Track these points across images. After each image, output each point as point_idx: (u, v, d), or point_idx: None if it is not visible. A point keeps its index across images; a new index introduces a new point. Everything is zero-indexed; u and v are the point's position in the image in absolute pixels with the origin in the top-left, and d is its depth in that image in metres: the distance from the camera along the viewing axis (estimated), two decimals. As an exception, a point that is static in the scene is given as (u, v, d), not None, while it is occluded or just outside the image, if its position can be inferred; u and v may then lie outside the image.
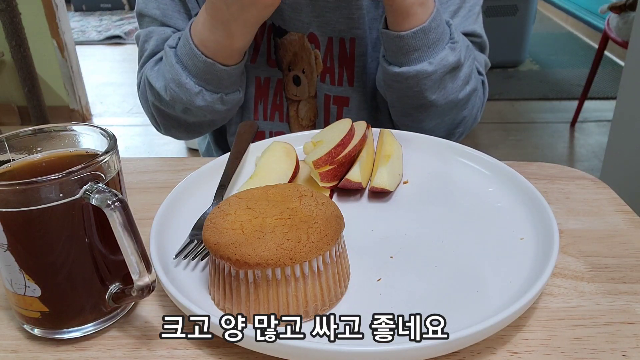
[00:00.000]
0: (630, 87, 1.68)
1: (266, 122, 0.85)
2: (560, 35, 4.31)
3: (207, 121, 0.79)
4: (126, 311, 0.46)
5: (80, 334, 0.44)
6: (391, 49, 0.70)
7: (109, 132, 0.44)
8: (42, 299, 0.42)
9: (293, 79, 0.82)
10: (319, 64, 0.81)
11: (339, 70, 0.81)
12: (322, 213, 0.45)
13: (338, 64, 0.80)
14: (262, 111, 0.85)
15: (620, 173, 1.72)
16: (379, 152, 0.64)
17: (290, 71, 0.82)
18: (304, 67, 0.81)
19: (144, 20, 0.81)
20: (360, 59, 0.80)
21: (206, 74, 0.70)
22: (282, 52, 0.82)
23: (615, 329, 0.44)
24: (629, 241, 0.54)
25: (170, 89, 0.72)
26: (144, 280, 0.40)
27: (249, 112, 0.85)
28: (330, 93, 0.82)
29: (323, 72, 0.81)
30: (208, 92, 0.72)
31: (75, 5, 5.13)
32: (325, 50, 0.80)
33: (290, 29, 0.80)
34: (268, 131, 0.86)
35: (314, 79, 0.82)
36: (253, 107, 0.84)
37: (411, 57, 0.69)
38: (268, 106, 0.85)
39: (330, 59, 0.80)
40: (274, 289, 0.42)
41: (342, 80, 0.81)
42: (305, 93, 0.83)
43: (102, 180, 0.41)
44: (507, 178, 0.60)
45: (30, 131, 0.45)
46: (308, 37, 0.80)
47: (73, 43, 2.95)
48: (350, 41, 0.79)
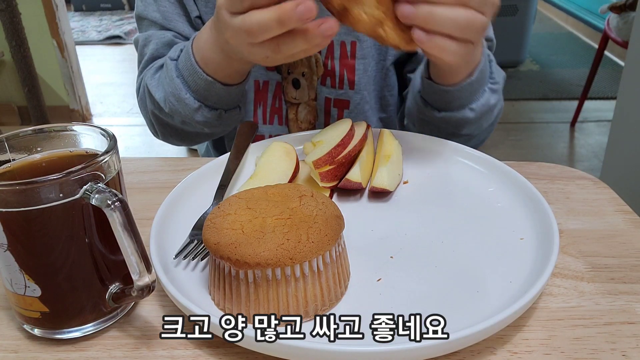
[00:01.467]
0: (630, 87, 1.68)
1: (265, 125, 0.85)
2: (560, 35, 4.31)
3: (205, 133, 0.78)
4: (126, 311, 0.46)
5: (80, 334, 0.44)
6: (432, 97, 0.69)
7: (109, 132, 0.44)
8: (42, 299, 0.42)
9: (292, 82, 0.81)
10: (320, 67, 0.80)
11: (339, 74, 0.81)
12: (322, 213, 0.45)
13: (339, 67, 0.80)
14: (262, 114, 0.85)
15: (620, 173, 1.72)
16: (379, 152, 0.64)
17: (289, 74, 0.81)
18: (304, 70, 0.81)
19: (143, 23, 0.81)
20: (361, 62, 0.80)
21: (206, 91, 0.69)
22: None
23: (615, 329, 0.44)
24: (629, 241, 0.54)
25: (170, 102, 0.72)
26: (144, 280, 0.40)
27: (248, 116, 0.85)
28: (330, 96, 0.82)
29: (324, 75, 0.81)
30: (207, 109, 0.71)
31: (75, 5, 5.13)
32: (327, 53, 0.80)
33: None
34: (267, 134, 0.86)
35: (314, 82, 0.82)
36: (252, 111, 0.84)
37: (453, 105, 0.69)
38: (267, 109, 0.84)
39: (331, 62, 0.80)
40: (274, 289, 0.42)
41: (342, 84, 0.81)
42: (304, 96, 0.82)
43: (102, 180, 0.41)
44: (507, 178, 0.60)
45: (30, 131, 0.45)
46: None
47: (73, 43, 2.95)
48: (352, 44, 0.79)
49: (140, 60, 0.81)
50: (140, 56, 0.82)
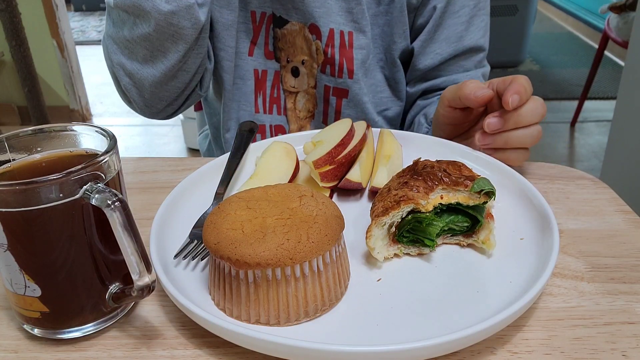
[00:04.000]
0: (630, 87, 1.68)
1: (266, 115, 0.86)
2: (560, 35, 4.31)
3: (176, 65, 0.74)
4: (126, 311, 0.46)
5: (81, 334, 0.44)
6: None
7: (109, 132, 0.44)
8: (42, 299, 0.42)
9: (291, 71, 0.82)
10: (320, 54, 0.81)
11: (339, 62, 0.81)
12: (322, 213, 0.45)
13: (338, 55, 0.81)
14: (262, 104, 0.85)
15: (620, 173, 1.72)
16: (379, 152, 0.64)
17: (288, 62, 0.82)
18: (304, 58, 0.81)
19: None
20: (359, 52, 0.81)
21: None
22: (282, 43, 0.82)
23: (615, 329, 0.44)
24: (629, 241, 0.54)
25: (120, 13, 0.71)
26: (144, 280, 0.40)
27: (250, 106, 0.85)
28: (330, 84, 0.83)
29: (324, 63, 0.82)
30: None
31: (75, 5, 5.14)
32: (327, 40, 0.80)
33: (292, 18, 0.80)
34: (268, 124, 0.87)
35: (314, 70, 0.82)
36: (253, 101, 0.84)
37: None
38: (267, 99, 0.85)
39: (332, 50, 0.81)
40: (274, 289, 0.42)
41: (342, 72, 0.82)
42: (304, 84, 0.83)
43: (102, 180, 0.41)
44: (507, 178, 0.60)
45: (30, 131, 0.45)
46: (309, 28, 0.80)
47: (73, 43, 2.95)
48: (349, 34, 0.80)
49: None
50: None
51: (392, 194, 0.50)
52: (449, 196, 0.50)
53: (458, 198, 0.50)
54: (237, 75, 0.84)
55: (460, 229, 0.51)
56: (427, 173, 0.51)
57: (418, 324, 0.43)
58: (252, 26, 0.82)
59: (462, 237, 0.52)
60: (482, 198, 0.50)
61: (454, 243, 0.52)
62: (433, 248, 0.50)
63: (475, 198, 0.50)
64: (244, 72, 0.84)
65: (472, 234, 0.51)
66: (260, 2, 0.80)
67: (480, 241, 0.50)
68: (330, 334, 0.42)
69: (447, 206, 0.51)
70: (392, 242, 0.50)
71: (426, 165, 0.53)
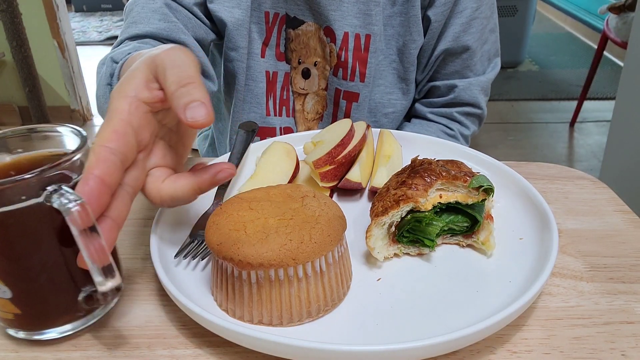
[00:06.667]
0: (629, 88, 1.68)
1: (276, 117, 0.85)
2: (559, 35, 4.31)
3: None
4: (107, 310, 0.46)
5: (58, 334, 0.43)
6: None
7: (82, 131, 0.43)
8: (13, 301, 0.41)
9: (302, 72, 0.82)
10: (334, 57, 0.81)
11: (352, 65, 0.81)
12: (325, 214, 0.45)
13: (352, 59, 0.81)
14: (272, 106, 0.85)
15: (620, 173, 1.72)
16: (379, 152, 0.65)
17: (300, 64, 0.82)
18: (317, 60, 0.81)
19: None
20: (373, 56, 0.80)
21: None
22: (295, 44, 0.82)
23: (614, 329, 0.44)
24: (628, 241, 0.55)
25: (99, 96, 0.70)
26: (106, 285, 0.38)
27: (261, 108, 0.85)
28: (341, 87, 0.83)
29: (336, 65, 0.82)
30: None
31: (75, 6, 5.13)
32: (341, 44, 0.80)
33: (307, 19, 0.80)
34: (278, 127, 0.86)
35: (327, 72, 0.82)
36: (264, 102, 0.84)
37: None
38: (277, 101, 0.84)
39: (345, 54, 0.81)
40: (276, 289, 0.42)
41: (354, 76, 0.81)
42: (314, 86, 0.83)
43: (70, 180, 0.40)
44: (506, 178, 0.60)
45: (10, 132, 0.44)
46: (324, 30, 0.80)
47: (74, 43, 2.95)
48: (366, 37, 0.80)
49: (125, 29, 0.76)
50: (124, 24, 0.77)
51: (391, 194, 0.50)
52: (447, 195, 0.51)
53: (457, 197, 0.51)
54: (249, 77, 0.83)
55: (460, 229, 0.51)
56: (425, 169, 0.51)
57: (418, 323, 0.43)
58: (266, 27, 0.81)
59: (462, 238, 0.52)
60: (480, 195, 0.50)
61: (453, 243, 0.52)
62: (433, 248, 0.50)
63: (473, 195, 0.50)
64: (257, 74, 0.83)
65: (472, 234, 0.51)
66: (273, 2, 0.80)
67: (480, 242, 0.51)
68: (330, 333, 0.43)
69: (446, 205, 0.51)
70: (392, 242, 0.50)
71: (424, 162, 0.53)
